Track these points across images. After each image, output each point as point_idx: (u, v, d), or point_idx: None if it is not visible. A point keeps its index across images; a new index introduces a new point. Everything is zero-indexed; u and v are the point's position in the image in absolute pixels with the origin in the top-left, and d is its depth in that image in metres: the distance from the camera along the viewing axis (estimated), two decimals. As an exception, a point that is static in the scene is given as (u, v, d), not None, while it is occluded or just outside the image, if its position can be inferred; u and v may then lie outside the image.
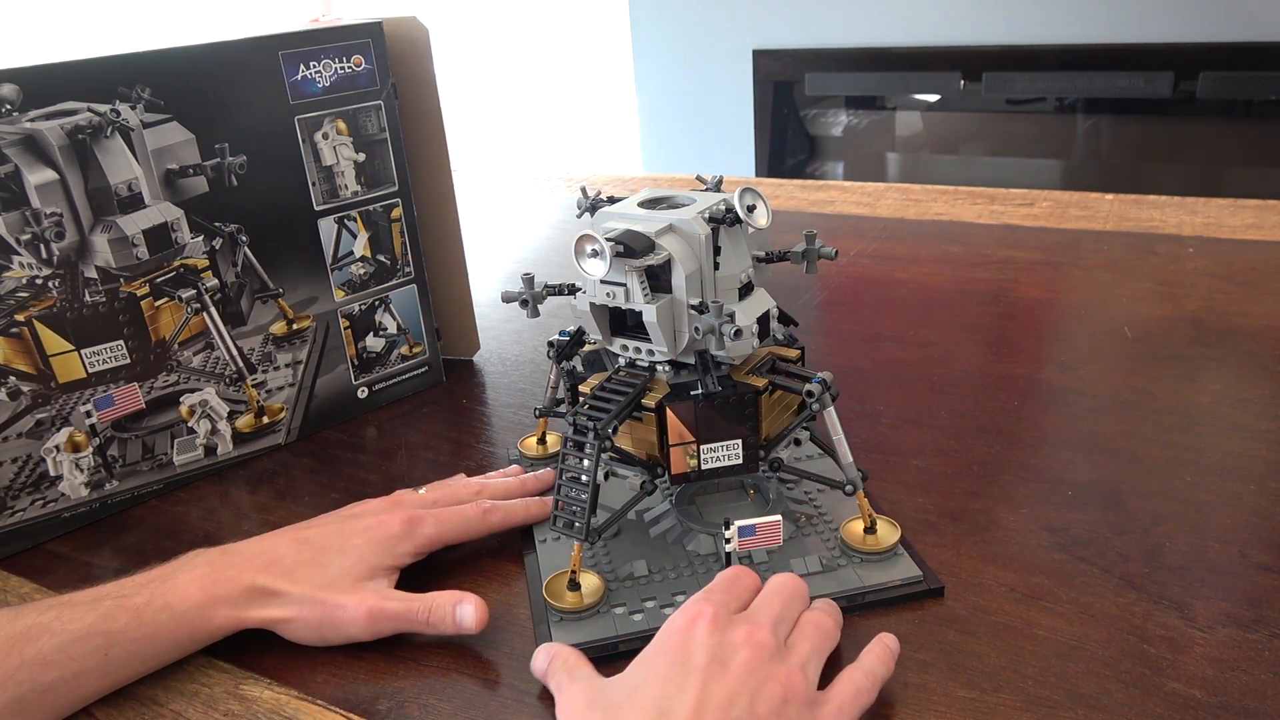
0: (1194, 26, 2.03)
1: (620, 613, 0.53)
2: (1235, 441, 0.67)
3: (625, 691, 0.44)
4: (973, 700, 0.47)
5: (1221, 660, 0.48)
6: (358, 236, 0.78)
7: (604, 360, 0.60)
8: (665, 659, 0.44)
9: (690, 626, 0.45)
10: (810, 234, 0.59)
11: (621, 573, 0.56)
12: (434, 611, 0.53)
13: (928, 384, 0.79)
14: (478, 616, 0.53)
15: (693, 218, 0.54)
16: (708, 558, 0.58)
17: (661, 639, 0.46)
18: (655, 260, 0.52)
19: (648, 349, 0.56)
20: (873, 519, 0.58)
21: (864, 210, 1.27)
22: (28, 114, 0.60)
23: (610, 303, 0.54)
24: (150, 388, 0.69)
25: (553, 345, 0.64)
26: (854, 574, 0.56)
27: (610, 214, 0.56)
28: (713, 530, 0.59)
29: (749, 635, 0.45)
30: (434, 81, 0.79)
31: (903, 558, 0.57)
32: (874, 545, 0.57)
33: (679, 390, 0.55)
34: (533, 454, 0.71)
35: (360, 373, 0.81)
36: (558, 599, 0.54)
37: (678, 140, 2.75)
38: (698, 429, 0.55)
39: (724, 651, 0.44)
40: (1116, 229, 1.12)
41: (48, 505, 0.66)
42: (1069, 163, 2.34)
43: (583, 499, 0.53)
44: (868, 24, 2.34)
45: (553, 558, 0.59)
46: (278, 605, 0.53)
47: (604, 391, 0.55)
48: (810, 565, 0.56)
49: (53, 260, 0.63)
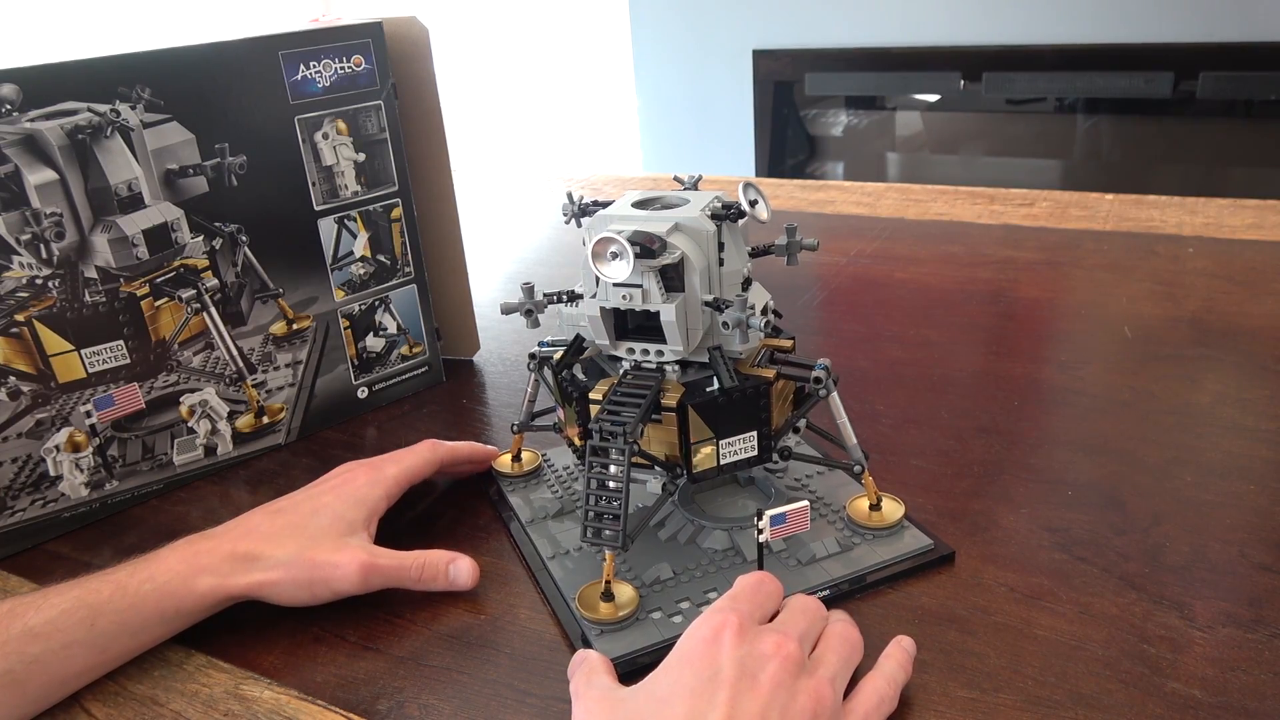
0: (1194, 26, 2.03)
1: (658, 618, 0.53)
2: (1235, 441, 0.67)
3: (651, 704, 0.42)
4: (973, 700, 0.47)
5: (1221, 660, 0.48)
6: (358, 236, 0.78)
7: (604, 366, 0.59)
8: (691, 671, 0.43)
9: (716, 637, 0.44)
10: (791, 227, 0.59)
11: (647, 578, 0.56)
12: (426, 569, 0.55)
13: (928, 384, 0.79)
14: (471, 574, 0.56)
15: (698, 215, 0.54)
16: (725, 553, 0.58)
17: (685, 648, 0.44)
18: (671, 259, 0.52)
19: (656, 350, 0.55)
20: (879, 496, 0.60)
21: (864, 210, 1.27)
22: (28, 114, 0.60)
23: (627, 305, 0.53)
24: (150, 388, 0.69)
25: (534, 357, 0.62)
26: (870, 551, 0.57)
27: (610, 217, 0.55)
28: (725, 525, 0.59)
29: (778, 646, 0.43)
30: (434, 81, 0.79)
31: (910, 530, 0.59)
32: (880, 521, 0.59)
33: (693, 388, 0.55)
34: (508, 471, 0.68)
35: (360, 373, 0.81)
36: (592, 610, 0.53)
37: (678, 140, 2.76)
38: (717, 425, 0.55)
39: (752, 663, 0.42)
40: (1116, 229, 1.12)
41: (48, 505, 0.66)
42: (1069, 163, 2.34)
43: (614, 506, 0.51)
44: (868, 24, 2.34)
45: (570, 574, 0.57)
46: (262, 569, 0.54)
47: (620, 396, 0.54)
48: (829, 547, 0.57)
49: (53, 260, 0.63)
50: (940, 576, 0.56)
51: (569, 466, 0.69)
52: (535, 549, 0.60)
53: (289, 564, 0.54)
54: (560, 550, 0.59)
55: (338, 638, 0.55)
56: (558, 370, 0.59)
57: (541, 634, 0.54)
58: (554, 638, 0.54)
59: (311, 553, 0.55)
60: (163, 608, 0.53)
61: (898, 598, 0.55)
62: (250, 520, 0.58)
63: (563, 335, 0.61)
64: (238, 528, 0.57)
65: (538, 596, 0.57)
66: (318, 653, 0.54)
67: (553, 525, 0.62)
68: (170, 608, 0.53)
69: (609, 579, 0.53)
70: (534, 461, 0.69)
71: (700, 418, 0.54)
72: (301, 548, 0.55)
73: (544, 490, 0.66)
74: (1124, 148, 2.28)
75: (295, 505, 0.58)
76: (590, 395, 0.56)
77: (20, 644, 0.49)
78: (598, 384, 0.56)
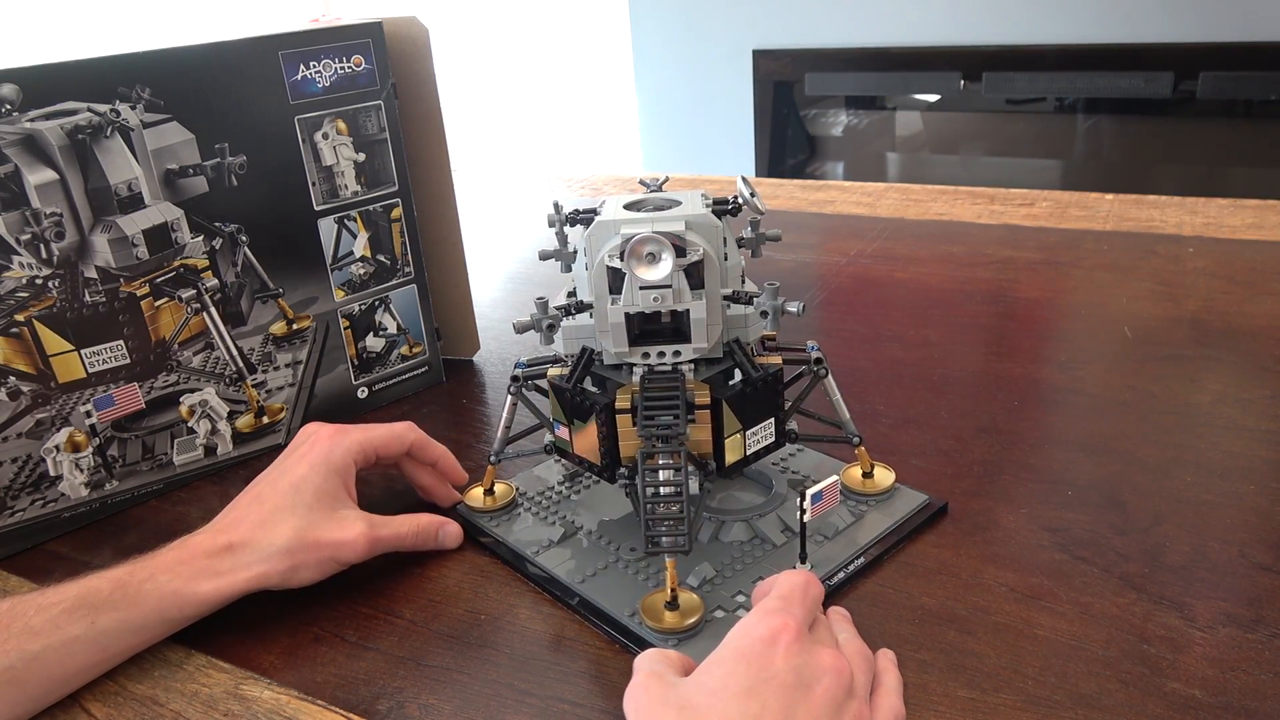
0: (1194, 26, 2.03)
1: (722, 616, 0.53)
2: (1235, 441, 0.67)
3: (701, 694, 0.42)
4: (973, 700, 0.47)
5: (1221, 660, 0.48)
6: (358, 236, 0.78)
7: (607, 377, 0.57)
8: (746, 669, 0.42)
9: (774, 639, 0.43)
10: (755, 220, 0.59)
11: (694, 580, 0.55)
12: (421, 534, 0.61)
13: (928, 384, 0.79)
14: (457, 537, 0.62)
15: (705, 211, 0.54)
16: (751, 543, 0.59)
17: (742, 645, 0.44)
18: (697, 256, 0.52)
19: (674, 350, 0.54)
20: (872, 465, 0.64)
21: (864, 210, 1.27)
22: (28, 114, 0.60)
23: (658, 307, 0.52)
24: (150, 388, 0.69)
25: (517, 380, 0.61)
26: (879, 515, 0.61)
27: (617, 221, 0.53)
28: (741, 517, 0.60)
29: (834, 661, 0.43)
30: (434, 81, 0.79)
31: (904, 490, 0.63)
32: (873, 487, 0.63)
33: (716, 384, 0.55)
34: (479, 506, 0.64)
35: (360, 373, 0.81)
36: (659, 620, 0.52)
37: (678, 140, 2.75)
38: (744, 416, 0.55)
39: (808, 673, 0.42)
40: (1116, 229, 1.12)
41: (48, 505, 0.66)
42: (1069, 163, 2.34)
43: (675, 510, 0.50)
44: (868, 24, 2.34)
45: (611, 593, 0.56)
46: (262, 559, 0.55)
47: (651, 401, 0.53)
48: (844, 518, 0.60)
49: (53, 260, 0.63)
50: (940, 576, 0.56)
51: (546, 492, 0.66)
52: (554, 578, 0.58)
53: (291, 549, 0.55)
54: (588, 573, 0.58)
55: (338, 638, 0.55)
56: (571, 388, 0.56)
57: (541, 634, 0.54)
58: (554, 638, 0.54)
59: (313, 534, 0.56)
60: (164, 608, 0.53)
61: (898, 598, 0.55)
62: (236, 510, 0.58)
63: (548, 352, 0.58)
64: (225, 519, 0.58)
65: (538, 596, 0.57)
66: (318, 653, 0.54)
67: (561, 552, 0.60)
68: (172, 609, 0.53)
69: (674, 587, 0.52)
70: (508, 494, 0.65)
71: (733, 411, 0.54)
72: (299, 530, 0.56)
73: (530, 520, 0.63)
74: (1124, 148, 2.28)
75: (273, 484, 0.59)
76: (616, 405, 0.54)
77: (21, 641, 0.49)
78: (617, 394, 0.55)
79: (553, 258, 0.60)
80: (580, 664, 0.52)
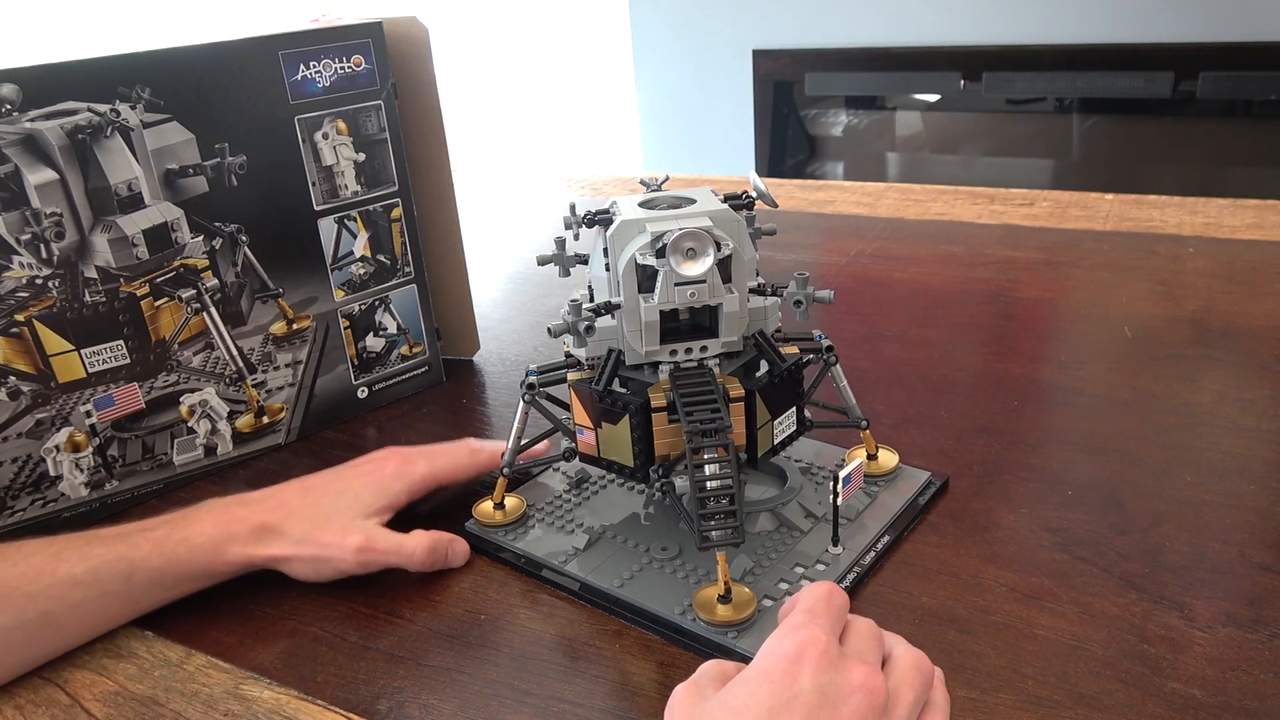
0: (1194, 26, 2.03)
1: (770, 605, 0.53)
2: (1235, 441, 0.67)
3: (724, 713, 0.41)
4: (973, 700, 0.47)
5: (1221, 660, 0.49)
6: (358, 236, 0.78)
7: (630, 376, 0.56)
8: (770, 688, 0.41)
9: (800, 656, 0.41)
10: (750, 216, 0.59)
11: (736, 573, 0.55)
12: (434, 551, 0.59)
13: (928, 384, 0.79)
14: (465, 556, 0.61)
15: (724, 207, 0.54)
16: (777, 531, 0.59)
17: (766, 665, 0.42)
18: (728, 251, 0.52)
19: (700, 346, 0.54)
20: (877, 447, 0.65)
21: (864, 210, 1.27)
22: (28, 114, 0.60)
23: (691, 302, 0.52)
24: (150, 388, 0.69)
25: (532, 387, 0.59)
26: (891, 495, 0.62)
27: (641, 220, 0.53)
28: (762, 507, 0.60)
29: (866, 679, 0.41)
30: (434, 81, 0.79)
31: (908, 470, 0.65)
32: (879, 469, 0.64)
33: (739, 376, 0.56)
34: (489, 521, 0.62)
35: (360, 373, 0.81)
36: (712, 614, 0.51)
37: (678, 140, 2.76)
38: (773, 406, 0.56)
39: (835, 693, 0.40)
40: (1116, 229, 1.12)
41: (48, 505, 0.66)
42: (1069, 163, 2.34)
43: (726, 504, 0.49)
44: (868, 24, 2.34)
45: (655, 593, 0.55)
46: (280, 543, 0.57)
47: (690, 397, 0.52)
48: (861, 500, 0.62)
49: (53, 260, 0.63)
50: (940, 576, 0.56)
51: (554, 501, 0.64)
52: (591, 585, 0.57)
53: (301, 541, 0.58)
54: (625, 576, 0.56)
55: (338, 638, 0.55)
56: (601, 391, 0.55)
57: (541, 634, 0.54)
58: (554, 638, 0.54)
59: (320, 533, 0.58)
60: (193, 568, 0.56)
61: (898, 598, 0.55)
62: (283, 493, 0.61)
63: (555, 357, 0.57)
64: (270, 499, 0.60)
65: (537, 597, 0.57)
66: (318, 653, 0.54)
67: (589, 559, 0.59)
68: (201, 568, 0.57)
69: (727, 581, 0.52)
70: (520, 507, 0.63)
71: (765, 403, 0.55)
72: (313, 526, 0.58)
73: (546, 531, 0.62)
74: (1124, 148, 2.28)
75: (325, 484, 0.61)
76: (652, 404, 0.53)
77: (64, 589, 0.53)
78: (650, 393, 0.54)
79: (551, 262, 0.59)
80: (580, 664, 0.52)
